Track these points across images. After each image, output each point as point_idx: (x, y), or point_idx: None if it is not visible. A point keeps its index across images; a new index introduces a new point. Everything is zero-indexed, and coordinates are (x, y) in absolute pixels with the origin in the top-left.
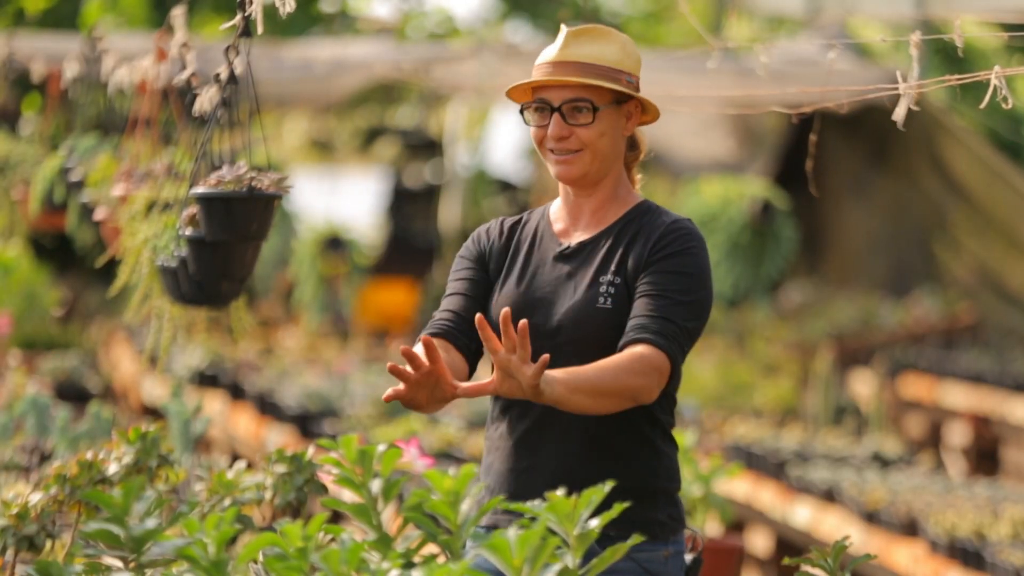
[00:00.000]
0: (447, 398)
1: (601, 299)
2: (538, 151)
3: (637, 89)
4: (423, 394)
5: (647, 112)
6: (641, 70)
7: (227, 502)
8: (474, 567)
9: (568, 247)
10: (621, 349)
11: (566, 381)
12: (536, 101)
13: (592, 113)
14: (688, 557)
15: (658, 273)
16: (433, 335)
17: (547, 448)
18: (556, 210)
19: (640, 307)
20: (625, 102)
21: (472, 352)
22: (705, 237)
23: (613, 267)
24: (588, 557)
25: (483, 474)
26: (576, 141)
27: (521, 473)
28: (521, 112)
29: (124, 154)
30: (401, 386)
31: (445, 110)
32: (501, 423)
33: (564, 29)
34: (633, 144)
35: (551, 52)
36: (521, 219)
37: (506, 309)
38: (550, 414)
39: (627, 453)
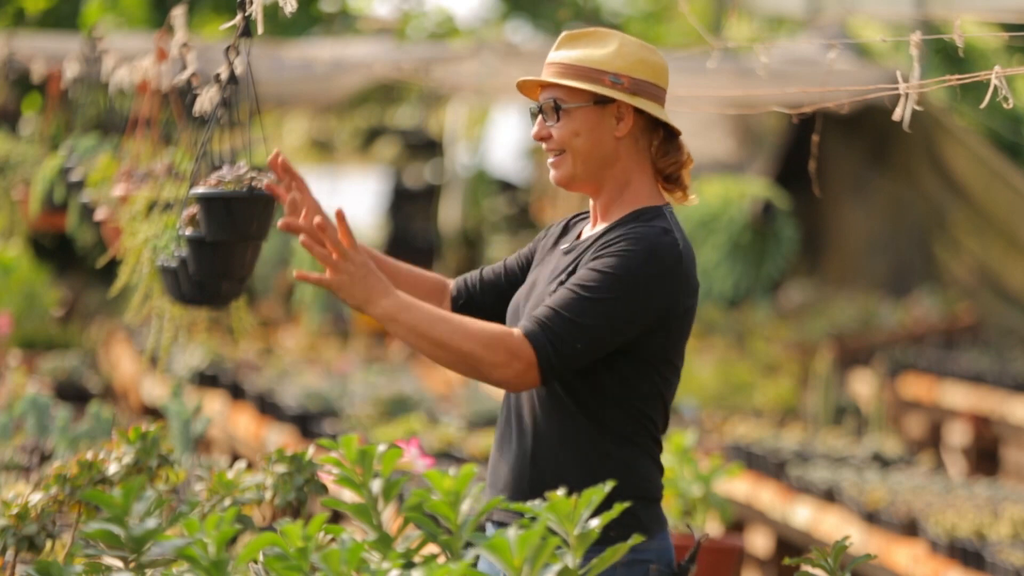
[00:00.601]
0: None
1: (547, 298)
2: None
3: (632, 90)
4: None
5: (650, 115)
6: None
7: (227, 502)
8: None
9: (567, 247)
10: None
11: (404, 303)
12: (534, 103)
13: (555, 111)
14: (674, 564)
15: (582, 267)
16: (455, 279)
17: (510, 445)
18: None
19: (549, 296)
20: (609, 103)
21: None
22: (705, 236)
23: (572, 269)
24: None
25: None
26: (555, 142)
27: (494, 466)
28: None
29: (124, 154)
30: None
31: (445, 110)
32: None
33: (563, 33)
34: (667, 150)
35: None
36: (580, 216)
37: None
38: (517, 411)
39: (569, 457)
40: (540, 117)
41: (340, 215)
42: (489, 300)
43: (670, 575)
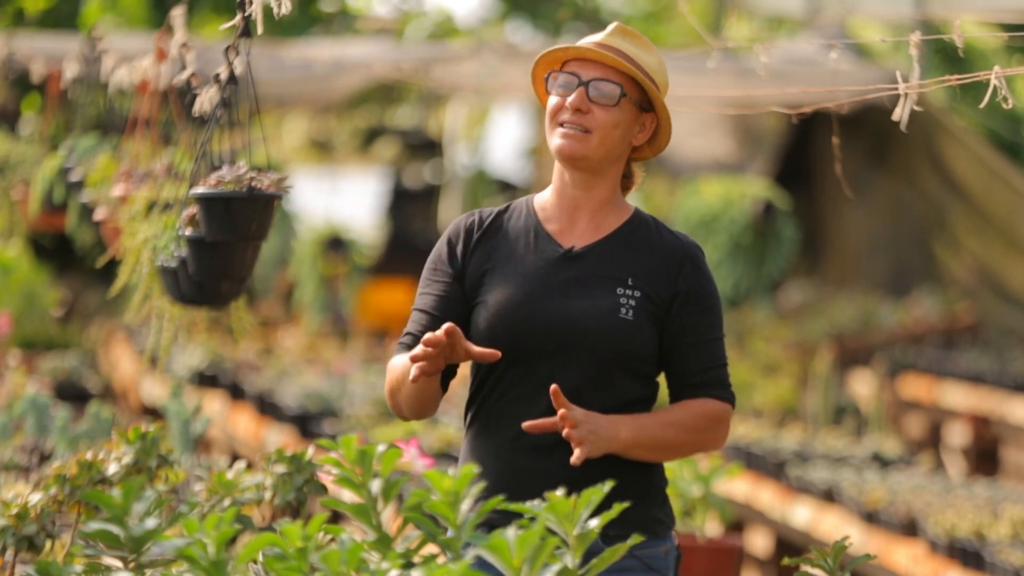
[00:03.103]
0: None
1: (623, 310)
2: (547, 125)
3: (662, 105)
4: (441, 361)
5: (657, 138)
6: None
7: (227, 502)
8: (472, 567)
9: (572, 249)
10: (678, 395)
11: (636, 429)
12: (566, 72)
13: (618, 98)
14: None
15: (699, 312)
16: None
17: (546, 451)
18: (547, 207)
19: (690, 357)
20: (647, 111)
21: (443, 375)
22: (705, 236)
23: (630, 279)
24: (593, 556)
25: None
26: (591, 120)
27: (519, 473)
28: (545, 79)
29: (124, 154)
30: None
31: (445, 110)
32: (498, 421)
33: (614, 23)
34: (629, 171)
35: (597, 36)
36: (502, 211)
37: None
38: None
39: (619, 460)
40: (582, 89)
41: (556, 392)
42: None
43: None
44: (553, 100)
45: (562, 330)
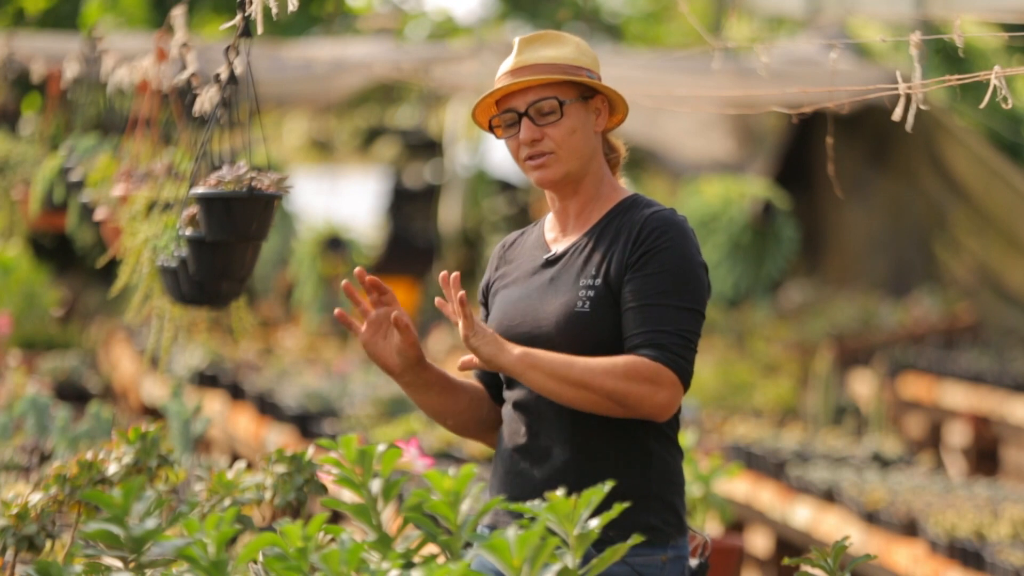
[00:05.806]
0: (409, 353)
1: (580, 303)
2: (517, 164)
3: (602, 85)
4: (379, 337)
5: (615, 111)
6: (602, 69)
7: (227, 502)
8: (474, 567)
9: (554, 253)
10: None
11: (536, 352)
12: (502, 112)
13: (559, 110)
14: (693, 562)
15: (643, 277)
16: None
17: (541, 454)
18: (550, 219)
19: (635, 320)
20: (591, 98)
21: (494, 388)
22: (705, 236)
23: (593, 270)
24: (584, 561)
25: (492, 475)
26: (548, 143)
27: (516, 476)
28: (491, 130)
29: (124, 154)
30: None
31: (445, 110)
32: (505, 426)
33: (516, 40)
34: (611, 147)
35: (507, 63)
36: (523, 232)
37: (447, 273)
38: (546, 420)
39: (618, 458)
40: (526, 120)
41: (445, 278)
42: None
43: (697, 568)
44: (509, 143)
45: (532, 334)
